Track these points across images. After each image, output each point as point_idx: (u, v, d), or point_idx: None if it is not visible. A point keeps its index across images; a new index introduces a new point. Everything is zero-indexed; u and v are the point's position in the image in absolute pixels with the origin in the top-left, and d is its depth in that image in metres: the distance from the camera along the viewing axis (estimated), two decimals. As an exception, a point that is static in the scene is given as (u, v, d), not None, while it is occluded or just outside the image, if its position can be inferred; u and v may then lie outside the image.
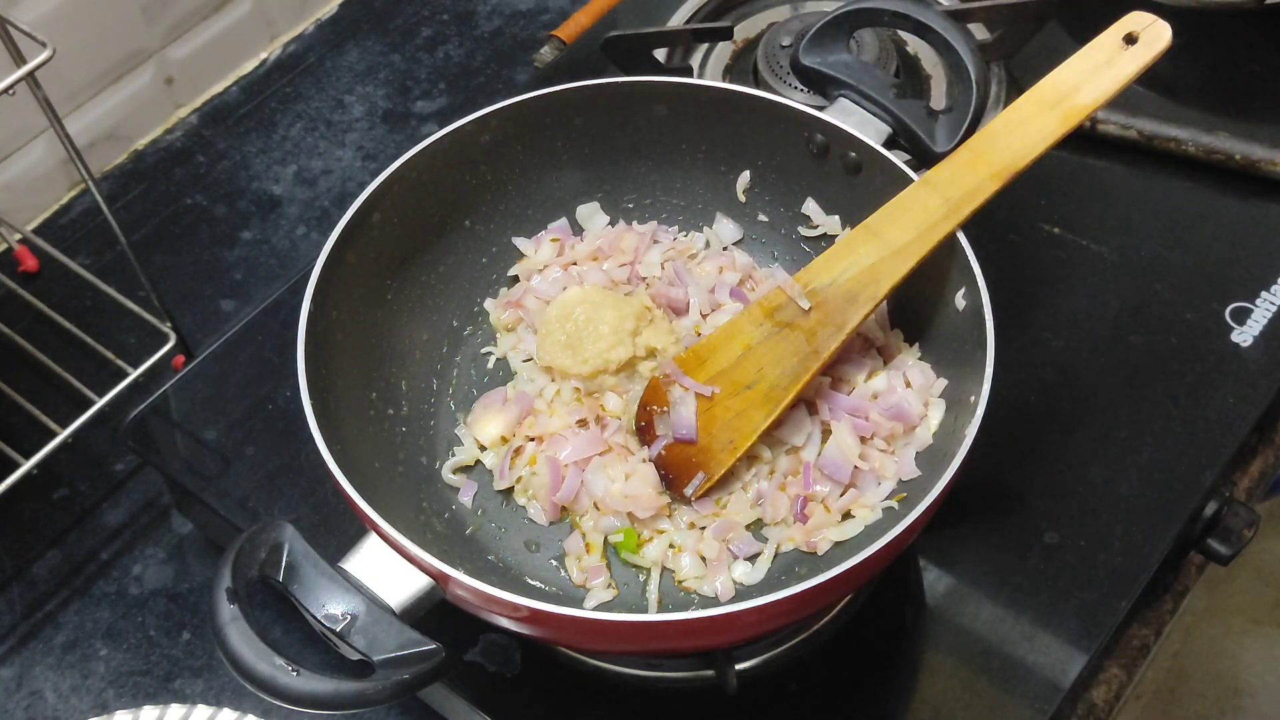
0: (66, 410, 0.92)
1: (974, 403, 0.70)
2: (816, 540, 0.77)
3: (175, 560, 0.92)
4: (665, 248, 0.89)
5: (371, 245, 0.80)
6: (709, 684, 0.77)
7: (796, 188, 0.87)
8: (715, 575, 0.77)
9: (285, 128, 1.17)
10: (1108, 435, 0.87)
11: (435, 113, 1.18)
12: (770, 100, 0.84)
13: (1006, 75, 1.06)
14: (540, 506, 0.80)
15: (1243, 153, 0.99)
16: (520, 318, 0.87)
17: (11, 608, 0.90)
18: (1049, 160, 0.76)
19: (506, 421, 0.83)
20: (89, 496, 0.95)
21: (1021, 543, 0.83)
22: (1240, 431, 0.87)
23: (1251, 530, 0.86)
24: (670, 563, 0.78)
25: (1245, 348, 0.91)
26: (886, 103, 0.82)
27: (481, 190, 0.87)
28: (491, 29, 1.25)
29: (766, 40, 1.06)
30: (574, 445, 0.80)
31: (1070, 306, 0.94)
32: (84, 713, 0.85)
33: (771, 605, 0.63)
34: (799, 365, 0.78)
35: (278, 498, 0.85)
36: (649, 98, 0.86)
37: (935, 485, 0.66)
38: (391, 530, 0.65)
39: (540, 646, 0.78)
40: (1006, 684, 0.77)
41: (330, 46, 1.24)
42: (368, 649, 0.62)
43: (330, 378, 0.75)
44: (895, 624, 0.81)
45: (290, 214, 1.11)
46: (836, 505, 0.77)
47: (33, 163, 1.09)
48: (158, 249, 1.08)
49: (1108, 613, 0.79)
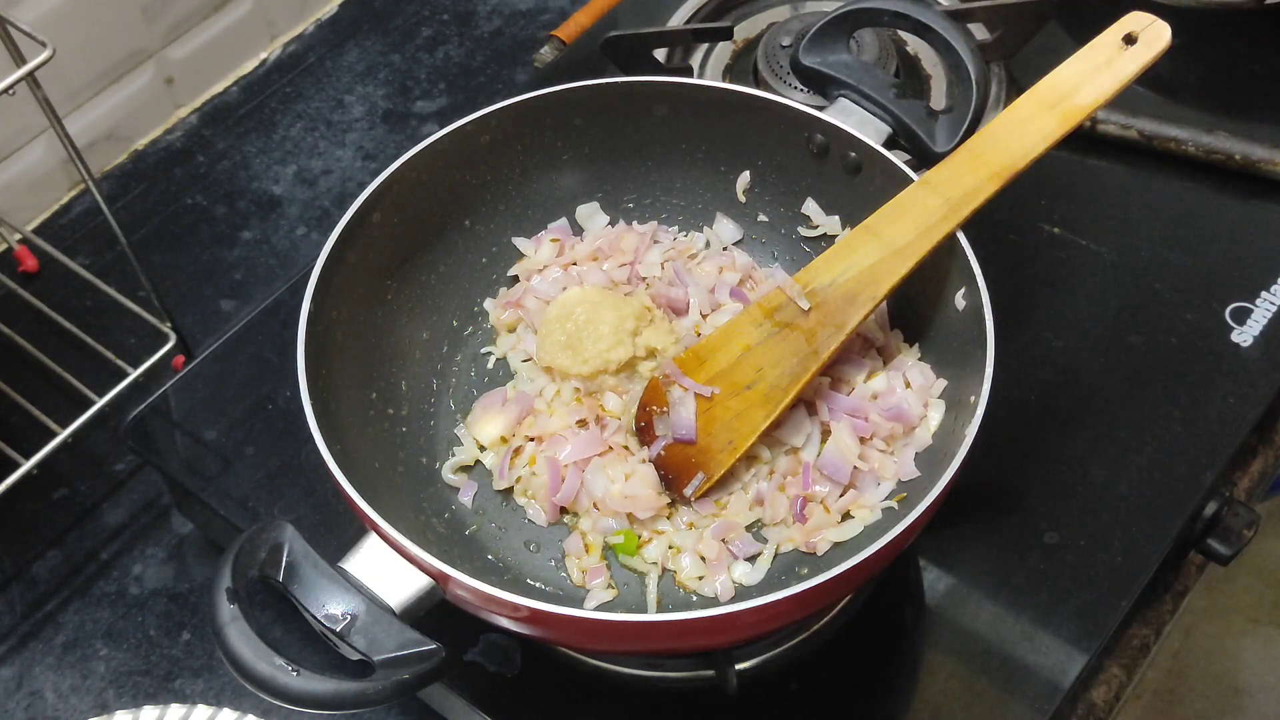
0: (66, 410, 0.92)
1: (974, 403, 0.70)
2: (816, 541, 0.77)
3: (175, 560, 0.92)
4: (665, 248, 0.89)
5: (371, 245, 0.80)
6: (709, 684, 0.77)
7: (796, 188, 0.87)
8: (715, 575, 0.77)
9: (285, 128, 1.17)
10: (1108, 435, 0.87)
11: (435, 113, 1.18)
12: (770, 100, 0.84)
13: (1006, 75, 1.06)
14: (540, 507, 0.80)
15: (1243, 153, 0.99)
16: (520, 318, 0.87)
17: (11, 608, 0.90)
18: (1049, 160, 0.77)
19: (506, 422, 0.83)
20: (89, 496, 0.95)
21: (1021, 543, 0.83)
22: (1240, 431, 0.87)
23: (1251, 530, 0.86)
24: (670, 563, 0.78)
25: (1245, 348, 0.91)
26: (886, 103, 0.83)
27: (481, 190, 0.87)
28: (491, 29, 1.25)
29: (766, 40, 1.06)
30: (574, 445, 0.80)
31: (1070, 306, 0.94)
32: (84, 713, 0.85)
33: (771, 605, 0.63)
34: (798, 366, 0.78)
35: (278, 498, 0.85)
36: (649, 98, 0.86)
37: (935, 485, 0.66)
38: (391, 530, 0.65)
39: (540, 646, 0.78)
40: (1006, 684, 0.77)
41: (330, 46, 1.24)
42: (368, 649, 0.62)
43: (330, 378, 0.75)
44: (895, 624, 0.81)
45: (290, 214, 1.11)
46: (836, 506, 0.77)
47: (33, 163, 1.09)
48: (158, 249, 1.08)
49: (1108, 613, 0.79)
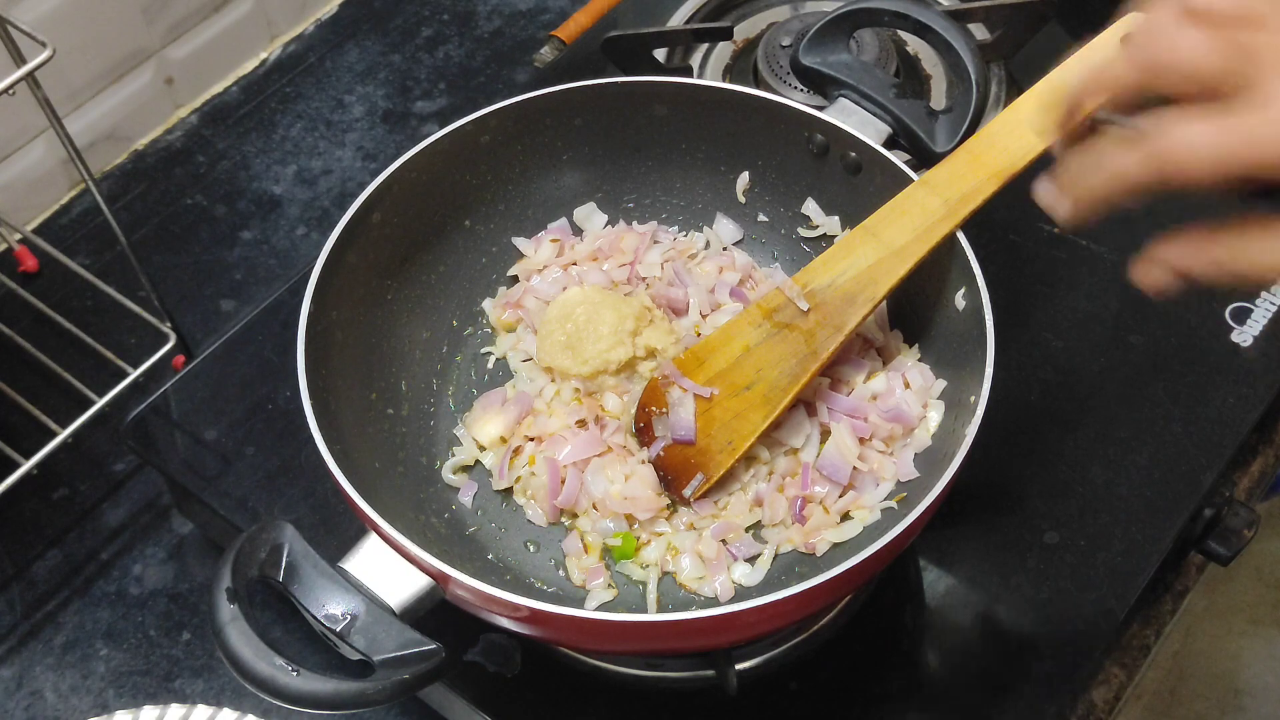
0: (66, 410, 0.92)
1: (974, 403, 0.70)
2: (815, 541, 0.77)
3: (175, 560, 0.92)
4: (665, 248, 0.89)
5: (371, 245, 0.80)
6: (709, 684, 0.77)
7: (796, 188, 0.87)
8: (715, 576, 0.77)
9: (285, 128, 1.17)
10: (1108, 435, 0.87)
11: (435, 113, 1.18)
12: (770, 100, 0.84)
13: (1006, 75, 1.06)
14: (539, 508, 0.80)
15: (1243, 153, 0.99)
16: (520, 318, 0.87)
17: (11, 608, 0.90)
18: (1049, 160, 0.76)
19: (505, 422, 0.83)
20: (89, 496, 0.95)
21: (1021, 543, 0.83)
22: (1240, 431, 0.87)
23: (1251, 530, 0.86)
24: (670, 565, 0.78)
25: (1245, 348, 0.91)
26: (886, 103, 0.83)
27: (481, 190, 0.87)
28: (491, 29, 1.25)
29: (766, 40, 1.06)
30: (573, 446, 0.80)
31: (1070, 306, 0.94)
32: (84, 713, 0.85)
33: (771, 605, 0.63)
34: (797, 366, 0.77)
35: (278, 498, 0.85)
36: (649, 98, 0.86)
37: (935, 485, 0.66)
38: (391, 530, 0.65)
39: (540, 646, 0.78)
40: (1007, 684, 0.77)
41: (330, 46, 1.24)
42: (368, 649, 0.62)
43: (330, 378, 0.75)
44: (895, 624, 0.81)
45: (290, 214, 1.11)
46: (835, 507, 0.77)
47: (33, 163, 1.09)
48: (158, 249, 1.08)
49: (1107, 613, 0.79)
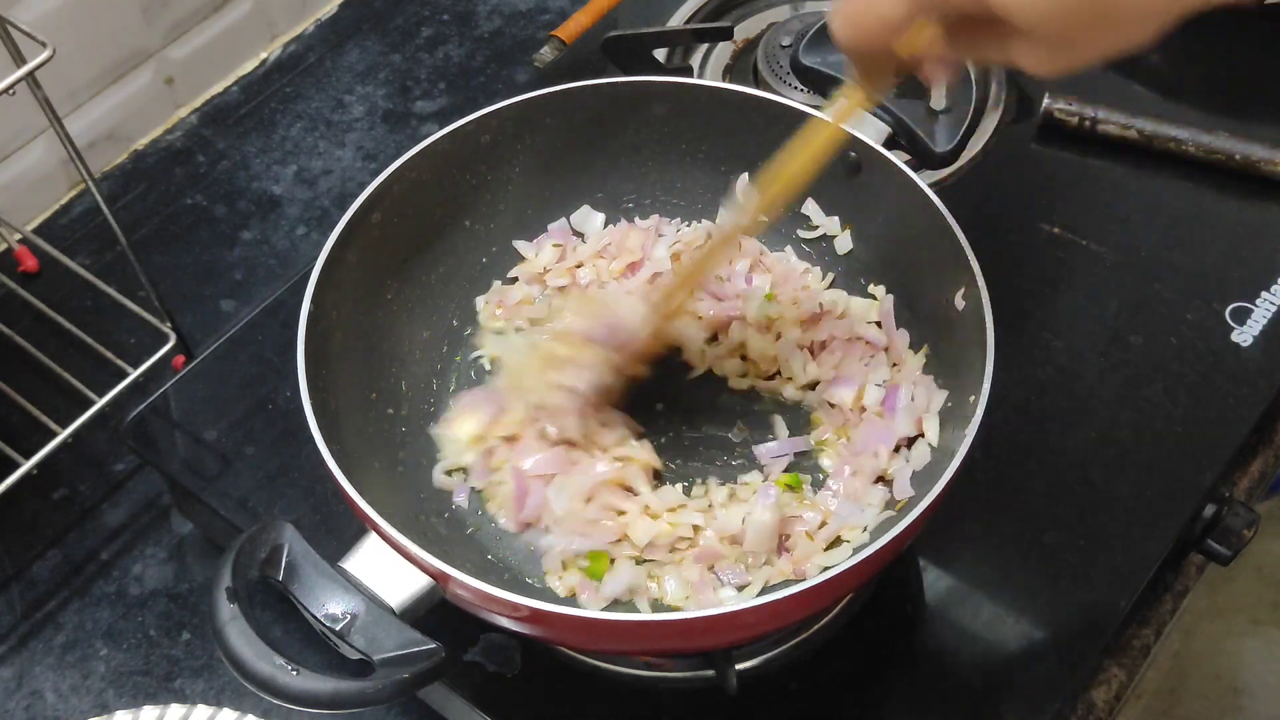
0: (66, 410, 0.92)
1: (974, 403, 0.70)
2: (805, 567, 0.75)
3: (175, 560, 0.92)
4: (671, 240, 0.89)
5: (371, 245, 0.80)
6: (709, 684, 0.77)
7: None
8: (701, 596, 0.75)
9: (285, 128, 1.17)
10: (1108, 435, 0.87)
11: (435, 113, 1.18)
12: (770, 100, 0.84)
13: (1006, 75, 1.06)
14: (508, 518, 0.79)
15: (1243, 153, 0.99)
16: (508, 319, 0.87)
17: (11, 608, 0.90)
18: (1049, 160, 0.77)
19: (480, 420, 0.81)
20: (89, 496, 0.95)
21: (1021, 543, 0.82)
22: (1240, 431, 0.87)
23: (1251, 530, 0.86)
24: (655, 591, 0.75)
25: (1245, 348, 0.91)
26: (886, 102, 0.82)
27: (481, 190, 0.87)
28: (491, 29, 1.25)
29: (766, 40, 1.06)
30: (539, 457, 0.78)
31: (1070, 306, 0.94)
32: (84, 713, 0.85)
33: (771, 605, 0.63)
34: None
35: (278, 498, 0.85)
36: (649, 98, 0.86)
37: (935, 485, 0.66)
38: (391, 530, 0.65)
39: (540, 646, 0.78)
40: (1007, 684, 0.77)
41: (330, 46, 1.24)
42: (368, 649, 0.62)
43: (330, 378, 0.74)
44: (895, 624, 0.81)
45: (290, 214, 1.11)
46: (820, 535, 0.76)
47: (33, 163, 1.09)
48: (158, 249, 1.08)
49: (1108, 613, 0.79)
